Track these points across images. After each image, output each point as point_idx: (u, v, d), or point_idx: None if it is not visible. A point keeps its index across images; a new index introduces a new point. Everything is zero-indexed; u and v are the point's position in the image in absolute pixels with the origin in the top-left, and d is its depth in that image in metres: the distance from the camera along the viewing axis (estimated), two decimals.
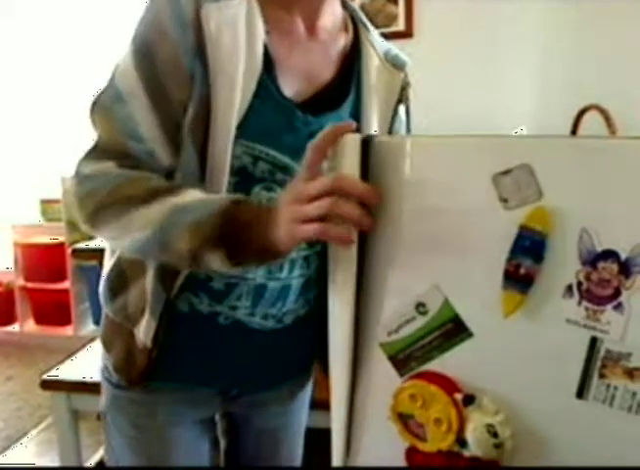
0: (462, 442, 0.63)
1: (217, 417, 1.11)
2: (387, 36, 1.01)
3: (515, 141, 0.62)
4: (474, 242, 0.62)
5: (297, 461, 1.16)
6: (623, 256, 0.56)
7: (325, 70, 0.90)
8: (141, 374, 0.90)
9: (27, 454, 2.45)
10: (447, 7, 2.36)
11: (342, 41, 0.93)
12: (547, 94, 2.30)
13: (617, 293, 0.57)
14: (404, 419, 0.66)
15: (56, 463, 1.97)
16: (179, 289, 0.87)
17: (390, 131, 0.94)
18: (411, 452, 0.68)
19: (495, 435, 0.61)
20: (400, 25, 2.41)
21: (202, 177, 0.81)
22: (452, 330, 0.64)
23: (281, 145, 0.84)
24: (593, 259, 0.57)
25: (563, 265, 0.59)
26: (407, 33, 2.40)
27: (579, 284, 0.58)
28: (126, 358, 0.92)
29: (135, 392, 0.94)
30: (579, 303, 0.58)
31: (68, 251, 2.56)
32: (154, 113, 0.80)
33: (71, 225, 3.20)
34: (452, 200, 0.62)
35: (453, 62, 2.39)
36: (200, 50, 0.79)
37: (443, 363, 0.65)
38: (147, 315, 0.88)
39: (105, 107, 0.82)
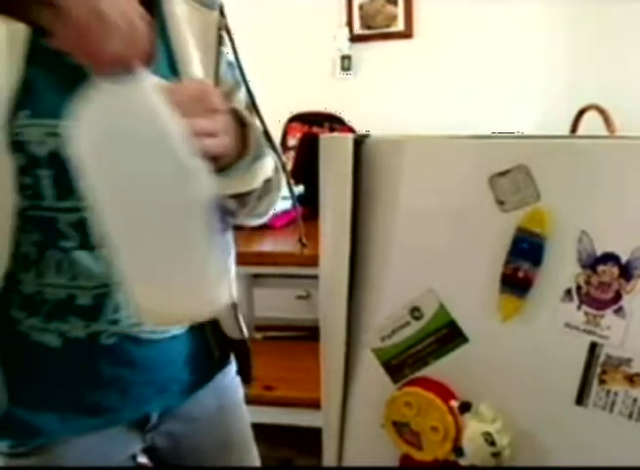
0: (458, 450, 0.62)
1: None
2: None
3: (511, 142, 0.62)
4: (470, 245, 0.61)
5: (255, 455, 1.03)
6: (624, 258, 0.56)
7: None
8: None
9: None
10: (447, 7, 2.37)
11: None
12: (547, 94, 2.31)
13: (618, 297, 0.56)
14: (399, 427, 0.65)
15: None
16: (45, 319, 0.76)
17: (217, 74, 0.85)
18: (406, 459, 0.66)
19: (493, 443, 0.60)
20: (400, 26, 2.42)
21: None
22: (447, 335, 0.63)
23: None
24: (593, 263, 0.57)
25: (562, 269, 0.58)
26: (407, 34, 2.41)
27: (579, 288, 0.58)
28: None
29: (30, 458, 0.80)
30: (579, 307, 0.58)
31: None
32: None
33: None
34: (447, 201, 0.62)
35: (453, 62, 2.40)
36: None
37: (438, 370, 0.64)
38: None
39: None
